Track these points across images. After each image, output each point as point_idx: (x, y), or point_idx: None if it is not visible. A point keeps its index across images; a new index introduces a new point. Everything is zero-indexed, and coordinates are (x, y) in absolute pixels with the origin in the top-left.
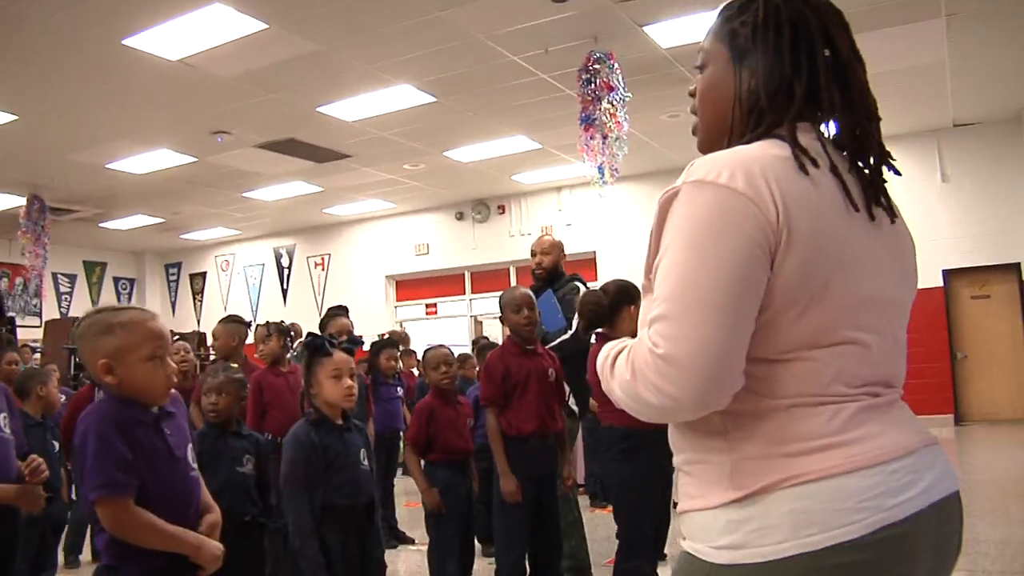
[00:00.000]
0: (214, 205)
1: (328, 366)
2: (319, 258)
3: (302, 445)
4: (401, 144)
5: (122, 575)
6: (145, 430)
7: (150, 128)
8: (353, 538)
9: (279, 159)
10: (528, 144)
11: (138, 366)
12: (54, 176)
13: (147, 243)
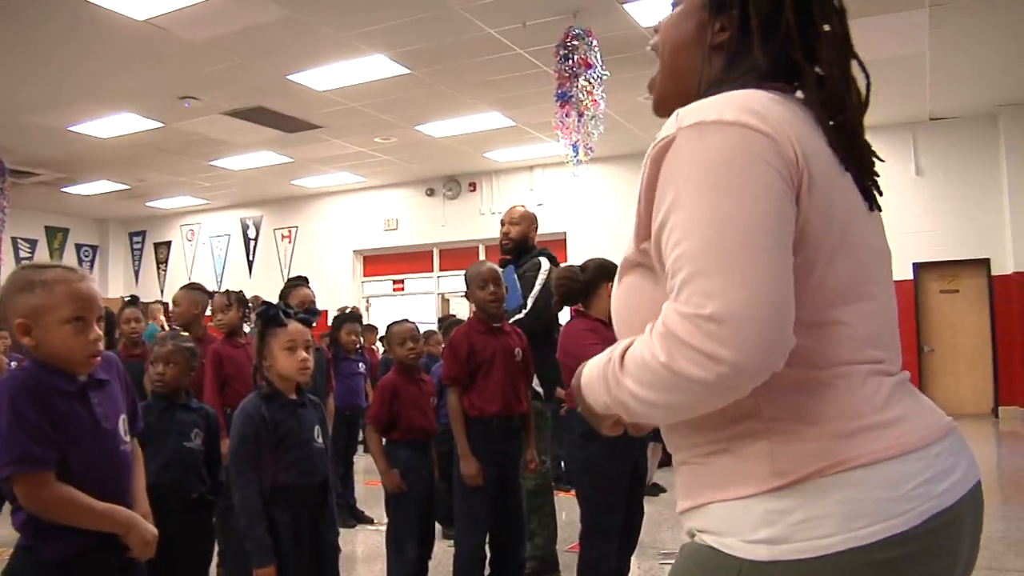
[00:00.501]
0: (180, 173)
1: (282, 337)
2: (286, 230)
3: (252, 420)
4: (372, 116)
5: (40, 556)
6: (68, 400)
7: (115, 91)
8: (305, 519)
9: (247, 127)
10: (502, 121)
11: (56, 329)
12: (14, 138)
13: (111, 210)
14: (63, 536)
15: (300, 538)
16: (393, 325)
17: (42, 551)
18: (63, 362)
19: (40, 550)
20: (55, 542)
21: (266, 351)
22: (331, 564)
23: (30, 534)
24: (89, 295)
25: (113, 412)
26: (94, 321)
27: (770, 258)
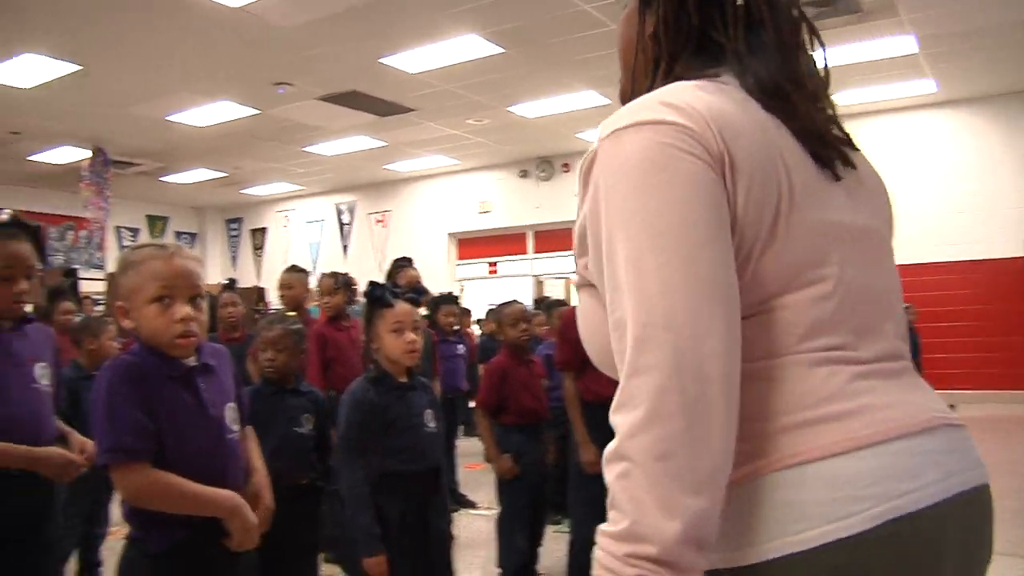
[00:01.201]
0: (275, 159)
1: (389, 318)
2: (380, 215)
3: (359, 405)
4: (465, 98)
5: (146, 547)
6: (172, 385)
7: (211, 79)
8: (415, 507)
9: (341, 112)
10: (596, 100)
11: (143, 309)
12: (116, 129)
13: (208, 198)
14: (164, 527)
15: (409, 527)
16: (503, 306)
17: (147, 542)
18: (155, 344)
19: (146, 541)
20: (157, 533)
21: (373, 333)
22: (443, 553)
23: (136, 525)
24: (173, 272)
25: (220, 400)
26: (182, 299)
27: (705, 267)
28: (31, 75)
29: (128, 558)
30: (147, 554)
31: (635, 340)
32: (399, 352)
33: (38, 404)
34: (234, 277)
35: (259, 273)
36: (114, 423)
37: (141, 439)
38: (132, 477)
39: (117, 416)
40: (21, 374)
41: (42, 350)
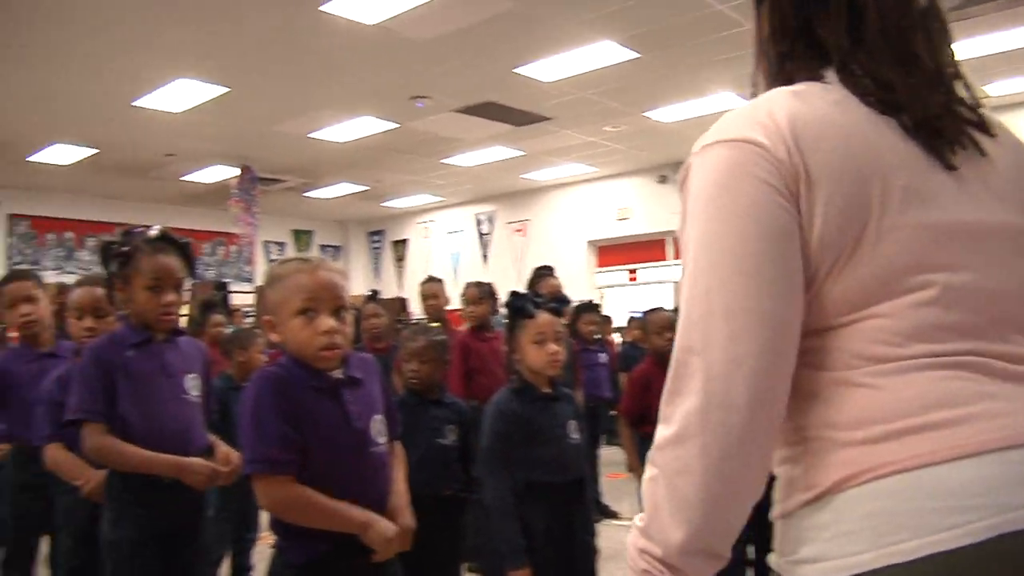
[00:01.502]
0: (415, 172)
1: (531, 329)
2: (519, 224)
3: (503, 416)
4: (602, 104)
5: (288, 558)
6: (318, 398)
7: (351, 95)
8: (559, 519)
9: (478, 123)
10: (735, 101)
11: (288, 322)
12: (262, 147)
13: (351, 211)
14: (306, 539)
15: (554, 538)
16: (649, 313)
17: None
18: (302, 356)
19: (287, 552)
20: (299, 545)
21: (515, 344)
22: (588, 565)
23: (280, 535)
24: (317, 285)
25: (366, 412)
26: (326, 312)
27: (749, 297)
28: (182, 99)
29: (274, 567)
30: (290, 564)
31: (675, 361)
32: (541, 363)
33: (188, 414)
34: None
35: (401, 284)
36: (260, 434)
37: (285, 451)
38: (273, 489)
39: (263, 427)
40: (172, 385)
41: (193, 362)
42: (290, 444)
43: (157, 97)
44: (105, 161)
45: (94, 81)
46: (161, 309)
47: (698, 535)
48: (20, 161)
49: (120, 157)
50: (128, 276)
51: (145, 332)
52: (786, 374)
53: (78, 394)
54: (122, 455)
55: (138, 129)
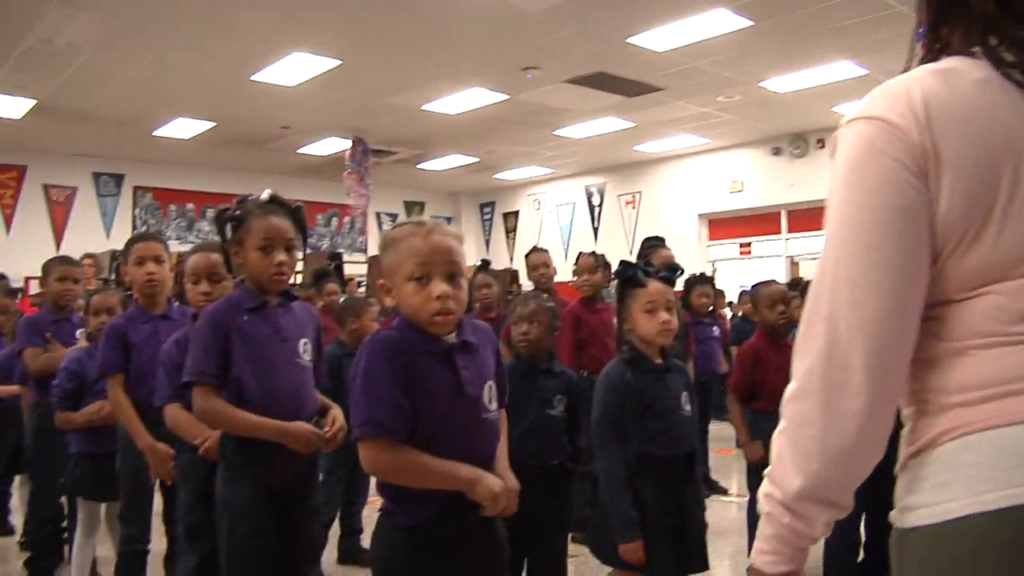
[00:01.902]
0: (525, 144)
1: (642, 298)
2: (630, 196)
3: (615, 387)
4: (714, 74)
5: (397, 521)
6: (431, 362)
7: (463, 67)
8: (671, 492)
9: (589, 94)
10: (852, 71)
11: (402, 287)
12: (375, 119)
13: (462, 183)
14: (415, 503)
15: (666, 512)
16: (761, 286)
17: (398, 516)
18: (416, 321)
19: (397, 515)
20: (407, 508)
21: (626, 313)
22: (698, 540)
23: (388, 498)
24: (430, 249)
25: (479, 379)
26: (440, 276)
27: (872, 268)
28: (297, 73)
29: (381, 530)
30: (398, 527)
31: (803, 323)
32: (653, 332)
33: (301, 378)
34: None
35: (512, 256)
36: (370, 398)
37: (395, 415)
38: (381, 453)
39: (374, 391)
40: (286, 349)
41: (306, 327)
42: (400, 409)
43: (273, 71)
44: (223, 134)
45: (213, 57)
46: (273, 269)
47: (815, 484)
48: (145, 136)
49: (238, 130)
50: (241, 239)
51: (260, 297)
52: (904, 342)
53: (193, 356)
54: (230, 418)
55: (255, 103)
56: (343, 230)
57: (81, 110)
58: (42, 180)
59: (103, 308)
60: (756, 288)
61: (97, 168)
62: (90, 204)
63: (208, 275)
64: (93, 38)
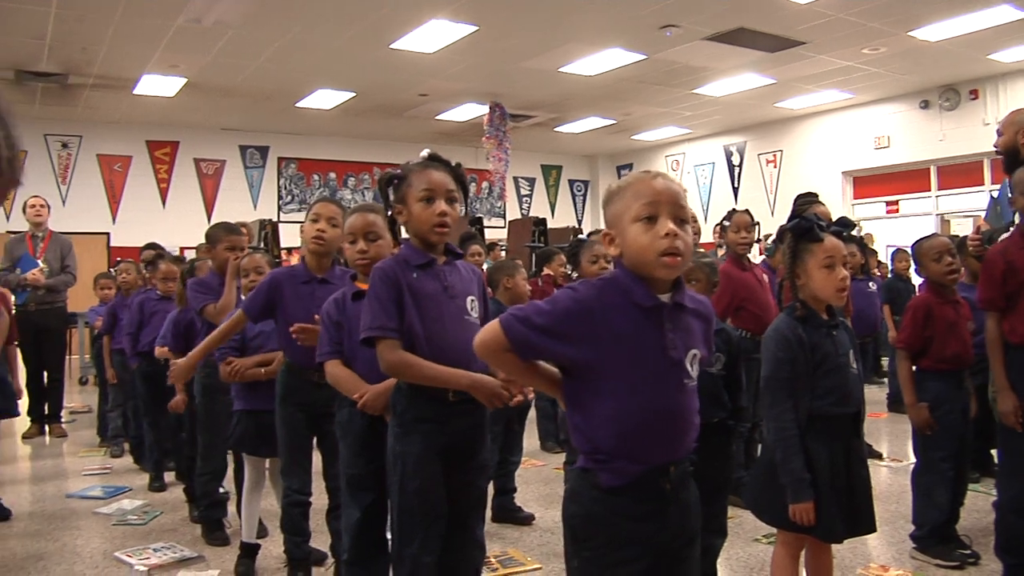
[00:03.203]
0: (663, 104)
1: (819, 253)
2: (771, 155)
3: (788, 343)
4: (860, 25)
5: (596, 480)
6: (639, 317)
7: (600, 27)
8: (839, 452)
9: (729, 51)
10: (1013, 13)
11: (630, 228)
12: (513, 84)
13: (599, 145)
14: (620, 463)
15: (836, 472)
16: (923, 240)
17: (598, 476)
18: (640, 267)
19: (596, 474)
20: (608, 468)
21: (800, 268)
22: (867, 502)
23: (587, 457)
24: (657, 190)
25: (684, 343)
26: (667, 217)
27: None
28: (435, 40)
29: (578, 488)
30: (596, 486)
31: None
32: (830, 289)
33: (471, 335)
34: None
35: None
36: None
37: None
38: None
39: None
40: (455, 306)
41: (471, 284)
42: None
43: (412, 39)
44: (364, 104)
45: (354, 27)
46: (436, 219)
47: None
48: (288, 108)
49: (377, 99)
50: (404, 196)
51: (427, 255)
52: None
53: (372, 312)
54: (420, 369)
55: (394, 71)
56: (481, 195)
57: (228, 86)
58: (193, 154)
59: (252, 268)
60: (919, 243)
61: (243, 141)
62: (238, 176)
63: (364, 234)
64: (239, 16)
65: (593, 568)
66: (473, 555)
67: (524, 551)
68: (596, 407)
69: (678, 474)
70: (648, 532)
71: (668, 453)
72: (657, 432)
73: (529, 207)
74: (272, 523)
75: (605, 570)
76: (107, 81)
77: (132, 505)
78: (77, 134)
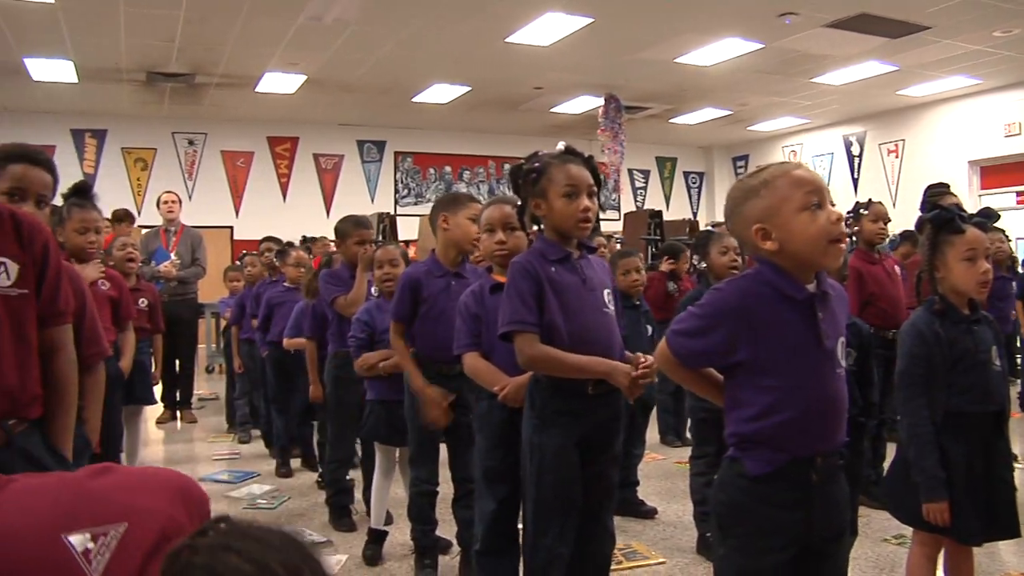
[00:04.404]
0: (781, 93)
1: (960, 246)
2: (892, 144)
3: (924, 338)
4: (991, 6)
5: (743, 469)
6: (791, 309)
7: (718, 16)
8: (979, 452)
9: (850, 38)
10: None
11: (794, 219)
12: (627, 75)
13: (714, 137)
14: (766, 451)
15: (974, 474)
16: None
17: (744, 464)
18: (807, 254)
19: (743, 463)
20: (755, 456)
21: (939, 260)
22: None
23: (735, 446)
24: (813, 178)
25: (834, 331)
26: (827, 204)
27: None
28: (551, 32)
29: (725, 476)
30: (744, 475)
31: None
32: (971, 283)
33: (610, 327)
34: None
35: None
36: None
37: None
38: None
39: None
40: (594, 298)
41: (606, 277)
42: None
43: (527, 32)
44: (478, 98)
45: (470, 21)
46: (579, 215)
47: None
48: (405, 103)
49: (492, 93)
50: (543, 190)
51: (564, 248)
52: None
53: (511, 307)
54: (559, 361)
55: (509, 65)
56: None
57: (346, 82)
58: (312, 150)
59: (386, 260)
60: None
61: (361, 136)
62: (355, 170)
63: (503, 225)
64: (358, 13)
65: (737, 556)
66: (605, 545)
67: (648, 545)
68: (756, 402)
69: (826, 467)
70: (792, 522)
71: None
72: (812, 422)
73: (644, 199)
74: (396, 511)
75: (749, 559)
76: (231, 80)
77: (261, 490)
78: (202, 131)
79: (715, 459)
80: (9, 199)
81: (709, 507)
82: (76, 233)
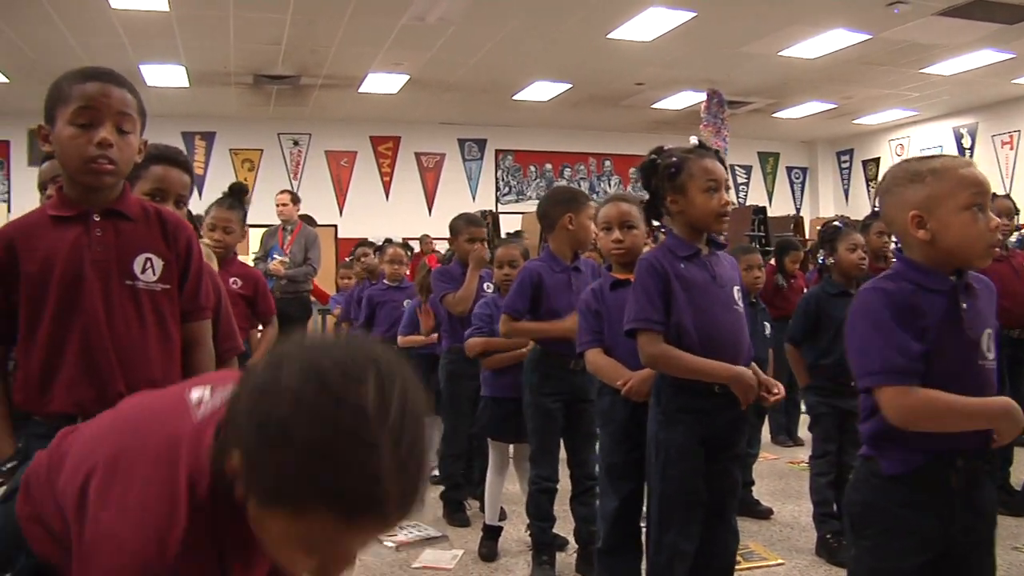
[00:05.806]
0: (888, 85)
1: None
2: (1007, 136)
3: None
4: None
5: (879, 468)
6: (936, 300)
7: (823, 8)
8: None
9: (963, 25)
10: None
11: (955, 216)
12: (730, 70)
13: (818, 131)
14: (902, 450)
15: None
16: None
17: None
18: (960, 253)
19: (877, 462)
20: (893, 455)
21: None
22: None
23: (871, 445)
24: (983, 181)
25: (979, 322)
26: (986, 206)
27: None
28: (653, 28)
29: (860, 475)
30: (876, 474)
31: None
32: None
33: (739, 324)
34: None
35: (874, 205)
36: (881, 344)
37: (909, 360)
38: (901, 399)
39: (884, 336)
40: (724, 295)
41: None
42: (909, 352)
43: (629, 28)
44: (579, 94)
45: (571, 18)
46: (720, 209)
47: None
48: (506, 101)
49: (593, 89)
50: (683, 185)
51: (693, 245)
52: None
53: (637, 304)
54: (680, 362)
55: (610, 61)
56: None
57: (448, 81)
58: (414, 149)
59: (506, 260)
60: None
61: (462, 135)
62: (456, 169)
63: (620, 223)
64: (461, 12)
65: (869, 558)
66: (729, 543)
67: (765, 545)
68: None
69: (969, 469)
70: (928, 526)
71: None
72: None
73: (746, 195)
74: (510, 507)
75: (881, 560)
76: (335, 81)
77: None
78: (307, 132)
79: (836, 458)
80: (151, 199)
81: (831, 508)
82: (206, 228)
